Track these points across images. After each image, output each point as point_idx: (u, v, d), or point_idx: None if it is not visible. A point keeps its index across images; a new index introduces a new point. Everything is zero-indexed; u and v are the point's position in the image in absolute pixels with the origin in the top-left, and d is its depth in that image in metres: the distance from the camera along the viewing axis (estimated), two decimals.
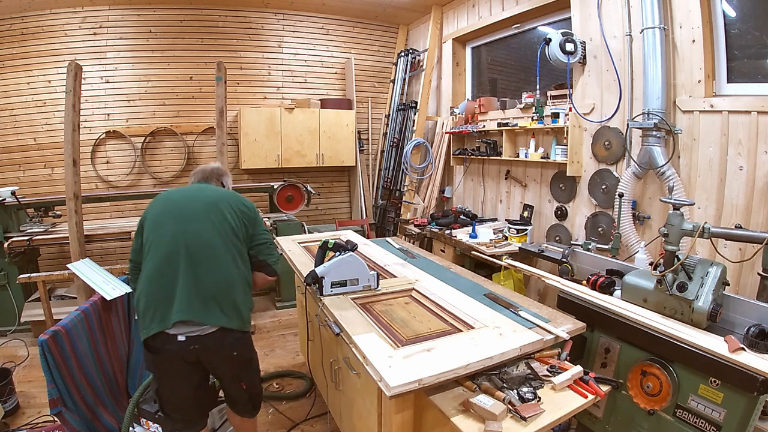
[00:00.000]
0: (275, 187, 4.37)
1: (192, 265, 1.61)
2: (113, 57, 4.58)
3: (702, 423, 1.59)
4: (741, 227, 2.02)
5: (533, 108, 3.47)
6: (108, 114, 4.65)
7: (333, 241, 1.96)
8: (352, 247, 1.94)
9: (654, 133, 2.54)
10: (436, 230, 3.95)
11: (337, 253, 1.94)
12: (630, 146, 2.78)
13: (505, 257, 3.02)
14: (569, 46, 3.02)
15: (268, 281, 1.93)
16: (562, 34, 3.01)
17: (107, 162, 4.72)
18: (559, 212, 3.46)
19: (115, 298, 2.19)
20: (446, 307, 1.82)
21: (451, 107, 4.79)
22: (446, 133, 4.67)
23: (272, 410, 2.61)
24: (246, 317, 1.72)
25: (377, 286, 1.99)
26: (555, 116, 3.24)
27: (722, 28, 2.42)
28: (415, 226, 4.32)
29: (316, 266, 1.92)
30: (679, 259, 1.81)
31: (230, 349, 1.69)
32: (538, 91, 3.38)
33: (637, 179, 2.70)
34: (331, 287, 1.91)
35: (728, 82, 2.44)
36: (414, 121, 5.06)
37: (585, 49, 3.09)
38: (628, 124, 2.71)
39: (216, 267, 1.65)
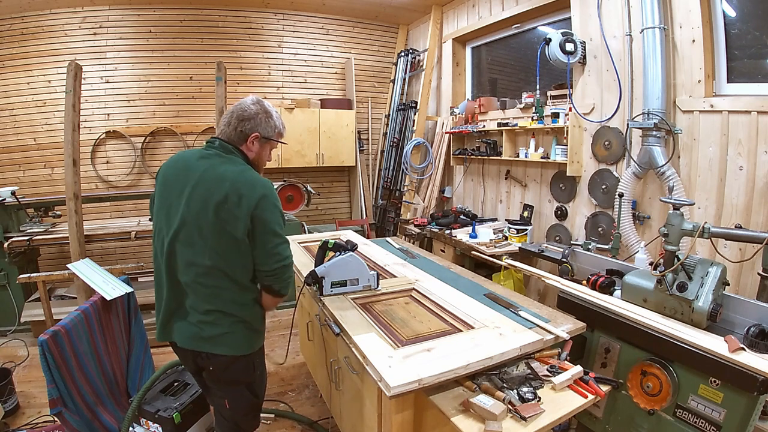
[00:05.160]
0: (275, 187, 4.36)
1: None
2: (113, 57, 4.58)
3: (702, 423, 1.59)
4: (741, 227, 2.02)
5: (533, 108, 3.46)
6: (108, 114, 4.65)
7: (333, 241, 1.96)
8: (352, 247, 1.94)
9: (654, 133, 2.53)
10: (436, 230, 3.95)
11: (338, 253, 1.94)
12: (630, 146, 2.78)
13: (505, 257, 3.01)
14: (569, 46, 3.02)
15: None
16: (562, 34, 3.01)
17: (107, 162, 4.72)
18: (559, 212, 3.46)
19: (115, 298, 2.19)
20: (446, 307, 1.82)
21: (451, 107, 4.79)
22: (446, 133, 4.67)
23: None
24: (242, 339, 1.62)
25: (377, 286, 1.99)
26: (555, 116, 3.24)
27: (722, 28, 2.42)
28: (415, 226, 4.32)
29: (316, 266, 1.92)
30: (679, 259, 1.81)
31: None
32: (538, 91, 3.38)
33: (637, 179, 2.70)
34: (331, 287, 1.91)
35: (728, 82, 2.44)
36: (414, 121, 5.06)
37: (585, 49, 3.09)
38: (628, 124, 2.71)
39: None
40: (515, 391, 1.32)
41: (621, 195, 2.66)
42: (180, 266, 1.49)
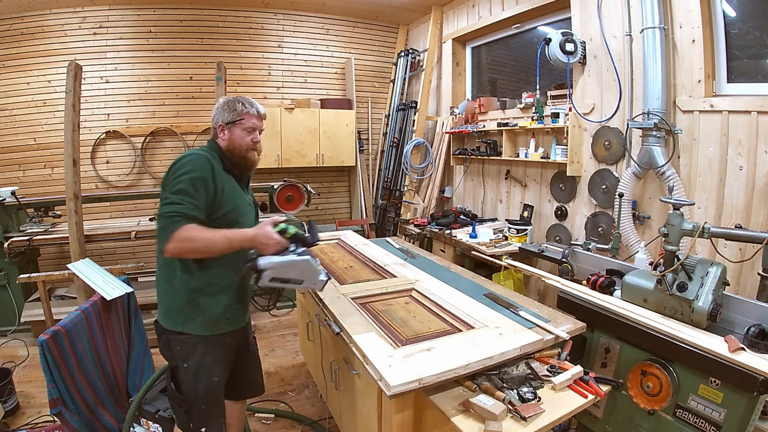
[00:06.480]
0: (275, 187, 4.36)
1: None
2: (113, 57, 4.58)
3: (702, 423, 1.59)
4: (741, 227, 2.02)
5: (533, 108, 3.46)
6: (108, 114, 4.65)
7: (294, 230, 1.62)
8: (312, 242, 1.63)
9: (654, 133, 2.53)
10: (436, 230, 3.95)
11: (293, 246, 1.60)
12: (630, 146, 2.78)
13: (505, 257, 3.01)
14: (569, 46, 3.02)
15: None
16: (562, 34, 3.01)
17: (107, 162, 4.72)
18: (559, 212, 3.46)
19: (115, 298, 2.19)
20: (446, 307, 1.82)
21: (451, 107, 4.79)
22: (446, 133, 4.67)
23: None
24: (167, 311, 1.60)
25: (322, 289, 1.69)
26: (555, 116, 3.24)
27: (722, 28, 2.42)
28: (415, 226, 4.32)
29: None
30: (679, 259, 1.81)
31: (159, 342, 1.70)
32: (538, 91, 3.38)
33: (637, 179, 2.70)
34: (270, 281, 1.58)
35: (728, 82, 2.44)
36: (414, 121, 5.06)
37: (585, 49, 3.09)
38: (628, 124, 2.71)
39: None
40: (515, 391, 1.32)
41: (621, 195, 2.66)
42: None
